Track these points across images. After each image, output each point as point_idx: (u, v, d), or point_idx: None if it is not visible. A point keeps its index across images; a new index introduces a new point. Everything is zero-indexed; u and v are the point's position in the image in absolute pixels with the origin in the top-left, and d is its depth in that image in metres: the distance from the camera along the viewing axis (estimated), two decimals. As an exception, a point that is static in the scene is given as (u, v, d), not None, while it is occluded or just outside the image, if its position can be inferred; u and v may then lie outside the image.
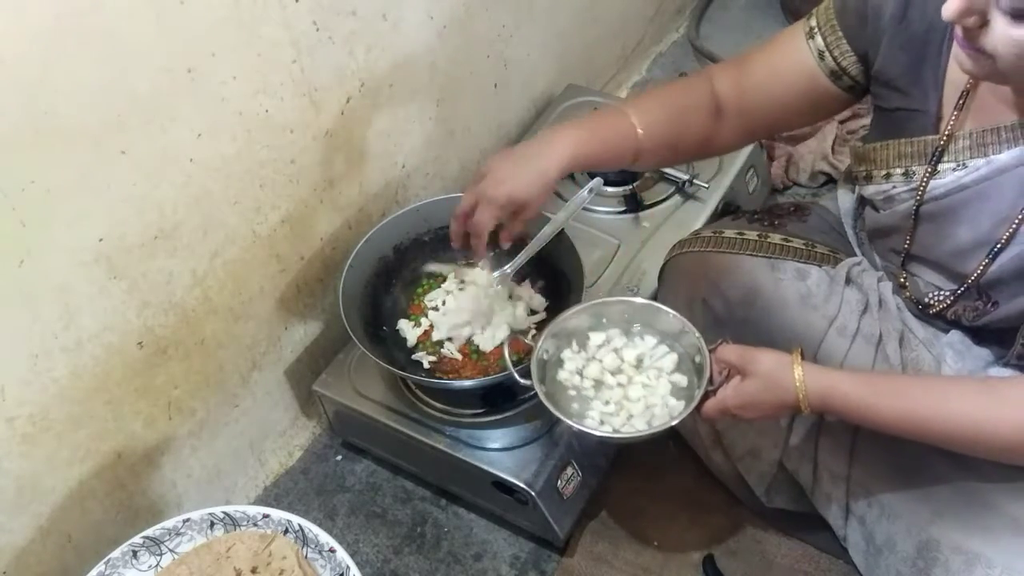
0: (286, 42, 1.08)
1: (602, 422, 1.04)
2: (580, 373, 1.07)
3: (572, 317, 1.09)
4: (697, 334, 1.02)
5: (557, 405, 1.03)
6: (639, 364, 1.07)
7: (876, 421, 0.92)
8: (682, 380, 1.05)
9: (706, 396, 0.99)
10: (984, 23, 0.77)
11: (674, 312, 1.06)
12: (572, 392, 1.07)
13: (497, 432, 1.21)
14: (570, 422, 1.01)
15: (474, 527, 1.31)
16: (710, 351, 1.00)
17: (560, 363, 1.08)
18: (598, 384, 1.07)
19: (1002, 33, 0.76)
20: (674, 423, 0.99)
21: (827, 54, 0.99)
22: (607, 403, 1.05)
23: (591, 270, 1.32)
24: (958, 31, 0.80)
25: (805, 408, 0.93)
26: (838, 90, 1.01)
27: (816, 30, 1.00)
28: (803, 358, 0.94)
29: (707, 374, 0.99)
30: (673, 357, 1.06)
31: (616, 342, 1.08)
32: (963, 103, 0.92)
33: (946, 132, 0.93)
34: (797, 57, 1.02)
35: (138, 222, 1.00)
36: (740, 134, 1.11)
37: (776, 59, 1.04)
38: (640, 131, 1.01)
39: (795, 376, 0.93)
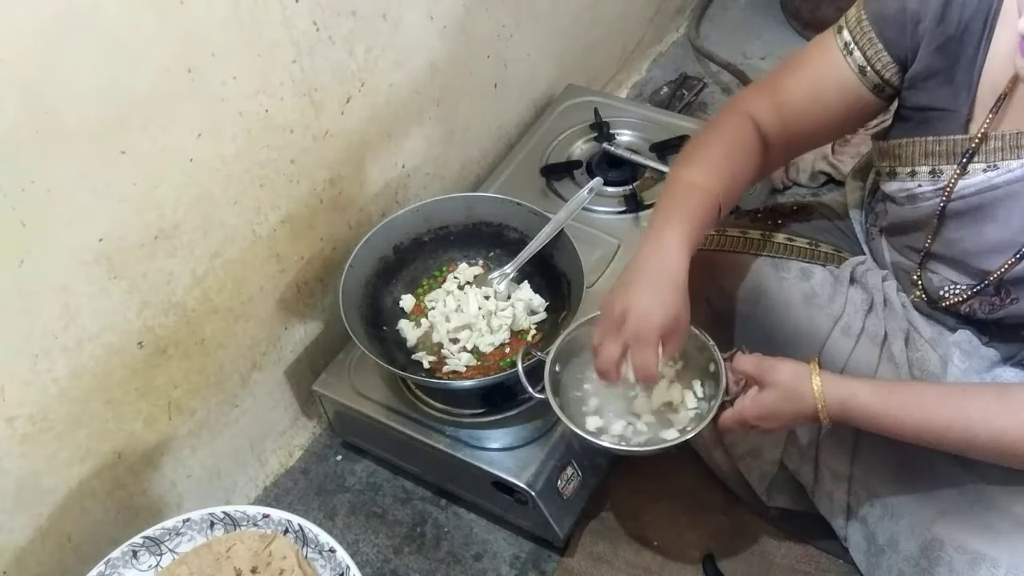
0: (286, 42, 1.08)
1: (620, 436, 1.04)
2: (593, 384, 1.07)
3: (584, 326, 1.08)
4: (711, 343, 1.01)
5: (569, 414, 1.03)
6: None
7: (895, 430, 0.92)
8: (696, 390, 1.05)
9: (722, 406, 0.98)
10: None
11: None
12: (582, 400, 1.07)
13: (497, 432, 1.21)
14: (586, 435, 1.01)
15: (474, 527, 1.31)
16: (725, 360, 1.00)
17: (572, 374, 1.08)
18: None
19: None
20: (691, 435, 0.98)
21: (869, 69, 0.96)
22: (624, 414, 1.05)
23: (591, 270, 1.32)
24: None
25: (824, 418, 0.93)
26: (878, 100, 0.99)
27: (853, 45, 0.97)
28: (820, 366, 0.94)
29: (723, 384, 0.98)
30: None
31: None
32: (1000, 105, 0.91)
33: (980, 133, 0.92)
34: (837, 77, 0.99)
35: (138, 222, 1.00)
36: (785, 157, 1.11)
37: (815, 83, 1.01)
38: (718, 196, 0.99)
39: (813, 386, 0.92)
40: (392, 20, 1.23)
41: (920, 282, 1.07)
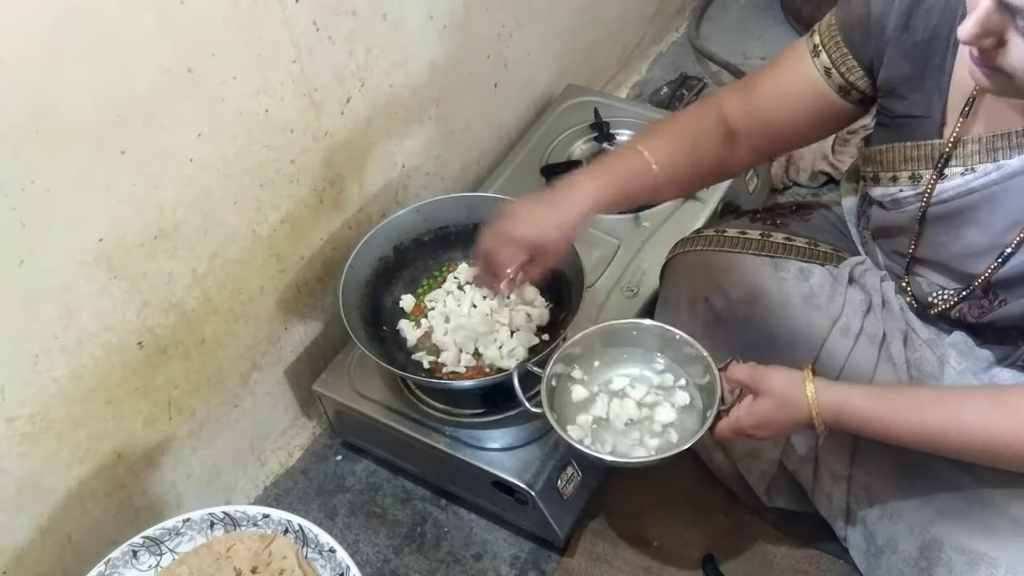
0: (286, 42, 1.08)
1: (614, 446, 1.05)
2: (591, 396, 1.08)
3: (580, 342, 1.08)
4: (705, 353, 1.02)
5: (566, 428, 1.04)
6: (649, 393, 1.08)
7: (890, 436, 0.92)
8: (685, 399, 1.06)
9: (718, 416, 0.98)
10: (1001, 43, 0.76)
11: (681, 333, 1.06)
12: (581, 415, 1.07)
13: (497, 432, 1.21)
14: (583, 448, 1.01)
15: (474, 527, 1.31)
16: (719, 370, 1.00)
17: (569, 388, 1.09)
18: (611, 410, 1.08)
19: (1020, 53, 0.75)
20: (687, 446, 0.99)
21: (834, 71, 0.99)
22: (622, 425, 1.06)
23: (591, 270, 1.32)
24: (973, 50, 0.80)
25: (819, 425, 0.93)
26: (848, 105, 1.01)
27: (820, 47, 0.99)
28: (814, 373, 0.94)
29: (718, 394, 0.99)
30: (683, 396, 1.07)
31: (631, 379, 1.10)
32: (969, 109, 0.92)
33: (952, 137, 0.93)
34: (804, 76, 1.01)
35: (138, 222, 1.00)
36: (754, 155, 1.10)
37: (783, 80, 1.03)
38: (655, 167, 1.00)
39: (807, 393, 0.93)
40: (392, 20, 1.23)
41: (909, 288, 1.07)
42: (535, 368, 1.08)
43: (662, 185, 1.01)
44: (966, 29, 0.76)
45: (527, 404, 1.07)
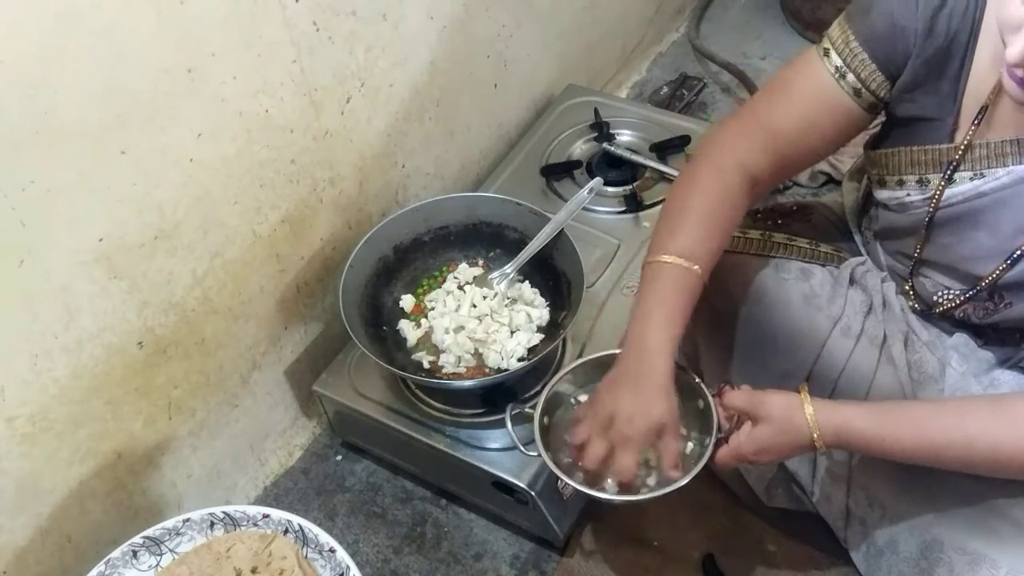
0: (286, 42, 1.08)
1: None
2: None
3: (566, 377, 1.07)
4: (698, 381, 1.01)
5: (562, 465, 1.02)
6: None
7: (893, 452, 0.92)
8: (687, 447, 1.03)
9: (716, 444, 0.97)
10: None
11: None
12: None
13: (497, 432, 1.20)
14: (582, 488, 0.99)
15: (474, 527, 1.31)
16: (713, 396, 0.99)
17: (561, 426, 1.07)
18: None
19: None
20: (685, 481, 0.97)
21: (863, 90, 0.96)
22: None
23: (591, 270, 1.32)
24: (1016, 70, 0.80)
25: (820, 446, 0.92)
26: (869, 115, 0.99)
27: (845, 68, 0.96)
28: (810, 393, 0.93)
29: (714, 422, 0.98)
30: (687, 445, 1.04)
31: None
32: (981, 116, 0.92)
33: (964, 142, 0.93)
34: (829, 102, 0.98)
35: (138, 222, 1.00)
36: (773, 186, 1.11)
37: (808, 111, 0.99)
38: (700, 272, 0.97)
39: (807, 415, 0.92)
40: (392, 20, 1.23)
41: (912, 289, 1.07)
42: (527, 408, 1.06)
43: (705, 275, 0.98)
44: (1016, 51, 0.76)
45: (521, 448, 1.05)
